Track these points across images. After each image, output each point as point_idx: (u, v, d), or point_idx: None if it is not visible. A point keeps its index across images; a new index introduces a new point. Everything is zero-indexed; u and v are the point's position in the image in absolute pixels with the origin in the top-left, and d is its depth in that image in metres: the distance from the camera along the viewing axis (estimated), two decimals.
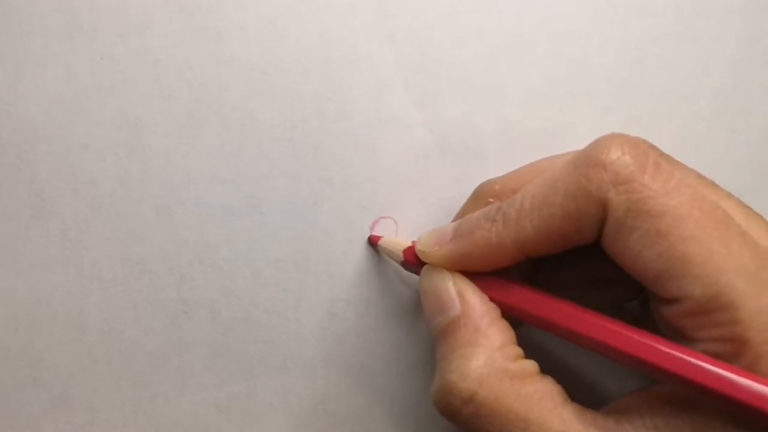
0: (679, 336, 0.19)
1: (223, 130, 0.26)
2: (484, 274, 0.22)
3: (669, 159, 0.21)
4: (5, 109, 0.25)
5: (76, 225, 0.26)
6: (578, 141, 0.23)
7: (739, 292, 0.18)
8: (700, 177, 0.21)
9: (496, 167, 0.25)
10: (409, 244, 0.24)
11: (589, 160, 0.19)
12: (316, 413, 0.26)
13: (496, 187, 0.23)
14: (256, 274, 0.26)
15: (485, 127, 0.26)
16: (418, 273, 0.23)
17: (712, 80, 0.27)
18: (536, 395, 0.20)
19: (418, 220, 0.26)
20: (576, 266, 0.23)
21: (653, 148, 0.20)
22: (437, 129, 0.26)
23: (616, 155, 0.19)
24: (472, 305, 0.21)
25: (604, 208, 0.19)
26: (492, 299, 0.21)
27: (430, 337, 0.26)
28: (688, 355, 0.18)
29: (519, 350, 0.21)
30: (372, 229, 0.26)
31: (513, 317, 0.22)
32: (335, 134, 0.26)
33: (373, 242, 0.26)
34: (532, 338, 0.25)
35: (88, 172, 0.26)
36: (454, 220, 0.24)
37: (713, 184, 0.21)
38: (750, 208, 0.21)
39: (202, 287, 0.26)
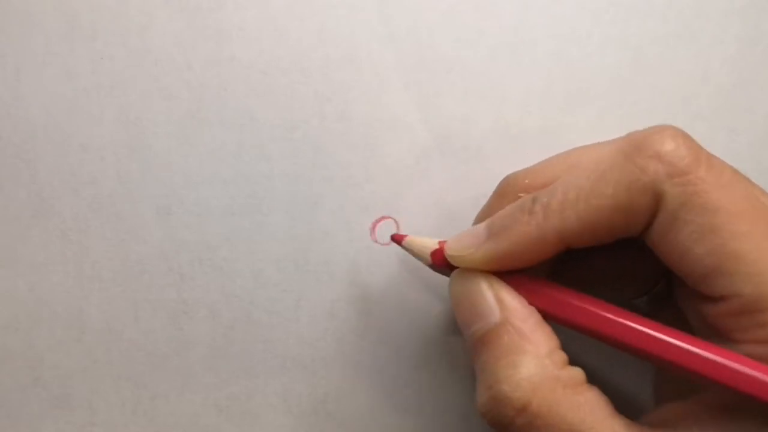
0: (718, 336, 0.19)
1: (223, 130, 0.26)
2: (510, 273, 0.21)
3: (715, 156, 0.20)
4: (5, 109, 0.25)
5: (76, 225, 0.26)
6: (578, 141, 0.23)
7: None
8: (738, 172, 0.21)
9: (496, 167, 0.25)
10: (436, 245, 0.22)
11: (643, 150, 0.19)
12: (316, 413, 0.26)
13: (526, 181, 0.22)
14: (256, 274, 0.26)
15: (485, 127, 0.26)
16: (446, 274, 0.22)
17: (712, 80, 0.27)
18: (587, 405, 0.19)
19: (418, 220, 0.26)
20: (589, 262, 0.23)
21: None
22: (437, 129, 0.26)
23: (671, 146, 0.18)
24: (512, 310, 0.20)
25: (657, 201, 0.18)
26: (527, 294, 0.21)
27: (428, 332, 0.26)
28: (733, 361, 0.17)
29: (565, 356, 0.20)
30: (373, 229, 0.26)
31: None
32: (335, 134, 0.26)
33: (396, 241, 0.24)
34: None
35: (88, 172, 0.26)
36: (477, 220, 0.24)
37: (749, 180, 0.21)
38: None
39: (202, 287, 0.26)
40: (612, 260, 0.22)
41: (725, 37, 0.27)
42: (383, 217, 0.26)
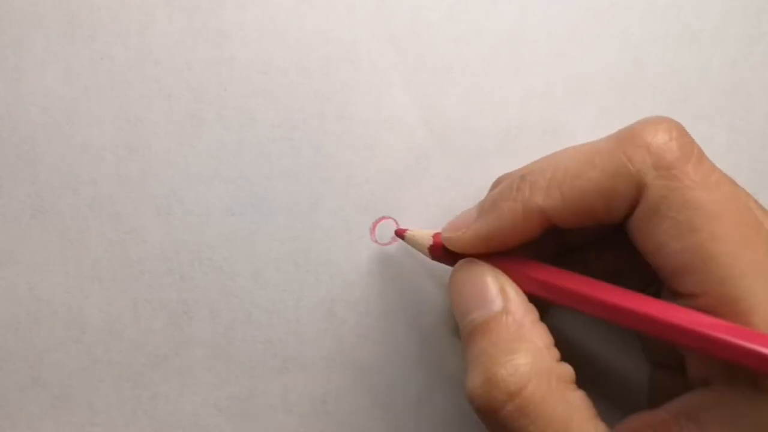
0: None
1: (223, 130, 0.26)
2: (511, 256, 0.21)
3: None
4: (5, 109, 0.25)
5: (76, 225, 0.26)
6: (578, 141, 0.23)
7: (759, 299, 0.17)
8: (729, 178, 0.21)
9: (496, 167, 0.25)
10: (431, 240, 0.23)
11: (634, 139, 0.19)
12: (316, 413, 0.26)
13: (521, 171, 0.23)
14: (256, 274, 0.26)
15: (485, 127, 0.26)
16: (447, 263, 0.23)
17: (712, 80, 0.27)
18: (576, 403, 0.19)
19: (418, 220, 0.26)
20: (584, 258, 0.23)
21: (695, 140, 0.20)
22: (437, 129, 0.26)
23: (663, 139, 0.18)
24: (514, 302, 0.21)
25: (639, 191, 0.19)
26: (527, 279, 0.21)
27: (427, 332, 0.27)
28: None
29: (559, 353, 0.20)
30: (373, 229, 0.26)
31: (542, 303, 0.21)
32: (335, 134, 0.26)
33: (399, 235, 0.25)
34: None
35: (88, 172, 0.26)
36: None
37: (734, 183, 0.21)
38: (766, 211, 0.20)
39: (202, 287, 0.26)
40: (608, 256, 0.22)
41: (725, 36, 0.27)
42: (383, 217, 0.26)
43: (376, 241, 0.26)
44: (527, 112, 0.26)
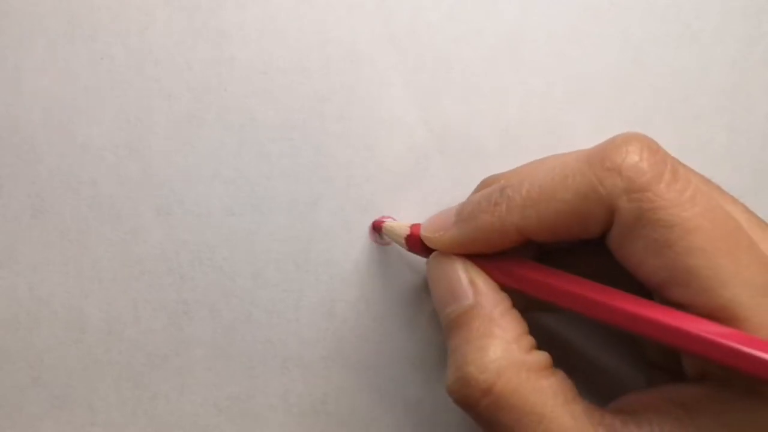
0: None
1: (223, 130, 0.26)
2: (488, 254, 0.22)
3: (684, 165, 0.20)
4: (5, 109, 0.25)
5: (76, 225, 0.26)
6: (578, 141, 0.23)
7: (744, 307, 0.18)
8: (708, 182, 0.21)
9: (496, 167, 0.25)
10: (409, 230, 0.24)
11: (604, 161, 0.19)
12: (316, 413, 0.26)
13: (501, 182, 0.23)
14: (256, 274, 0.26)
15: (485, 127, 0.26)
16: (423, 255, 0.23)
17: (712, 80, 0.27)
18: (550, 389, 0.19)
19: (418, 220, 0.26)
20: (579, 259, 0.23)
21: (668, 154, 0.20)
22: (437, 129, 0.26)
23: (633, 160, 0.18)
24: (484, 294, 0.21)
25: (612, 213, 0.19)
26: (508, 277, 0.21)
27: (427, 332, 0.27)
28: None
29: (533, 340, 0.21)
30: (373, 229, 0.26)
31: (521, 301, 0.21)
32: (335, 134, 0.26)
33: (376, 227, 0.26)
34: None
35: (88, 172, 0.26)
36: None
37: (719, 189, 0.21)
38: (753, 214, 0.21)
39: (202, 287, 0.26)
40: (589, 259, 0.22)
41: (725, 36, 0.27)
42: (383, 217, 0.26)
43: (376, 241, 0.26)
44: (527, 112, 0.26)
